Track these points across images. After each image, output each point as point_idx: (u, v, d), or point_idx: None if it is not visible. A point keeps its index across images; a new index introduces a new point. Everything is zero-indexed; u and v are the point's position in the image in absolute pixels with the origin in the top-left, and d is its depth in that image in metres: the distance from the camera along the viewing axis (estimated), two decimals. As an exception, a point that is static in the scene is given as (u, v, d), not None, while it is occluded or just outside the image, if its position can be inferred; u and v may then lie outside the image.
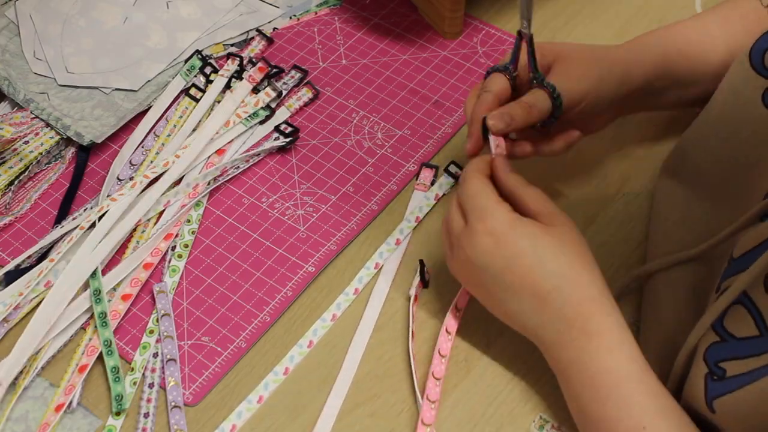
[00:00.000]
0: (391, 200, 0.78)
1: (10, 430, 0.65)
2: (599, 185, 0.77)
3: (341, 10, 0.93)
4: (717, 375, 0.53)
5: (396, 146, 0.81)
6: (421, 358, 0.67)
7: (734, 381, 0.52)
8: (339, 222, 0.76)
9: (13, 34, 0.91)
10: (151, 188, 0.77)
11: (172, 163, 0.79)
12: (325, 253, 0.74)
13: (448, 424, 0.65)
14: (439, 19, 0.89)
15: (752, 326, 0.53)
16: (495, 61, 0.87)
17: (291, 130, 0.82)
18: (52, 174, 0.81)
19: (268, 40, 0.89)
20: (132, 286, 0.72)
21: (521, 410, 0.65)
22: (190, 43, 0.89)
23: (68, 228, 0.75)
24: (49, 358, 0.69)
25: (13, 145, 0.81)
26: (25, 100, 0.84)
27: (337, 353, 0.68)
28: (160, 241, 0.74)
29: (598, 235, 0.74)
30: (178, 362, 0.68)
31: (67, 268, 0.72)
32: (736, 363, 0.53)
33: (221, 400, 0.67)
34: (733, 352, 0.53)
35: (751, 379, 0.51)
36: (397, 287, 0.72)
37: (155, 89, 0.86)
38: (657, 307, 0.66)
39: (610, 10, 0.92)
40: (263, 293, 0.72)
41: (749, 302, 0.53)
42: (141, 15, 0.91)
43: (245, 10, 0.92)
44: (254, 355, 0.69)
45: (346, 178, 0.79)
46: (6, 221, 0.77)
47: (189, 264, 0.74)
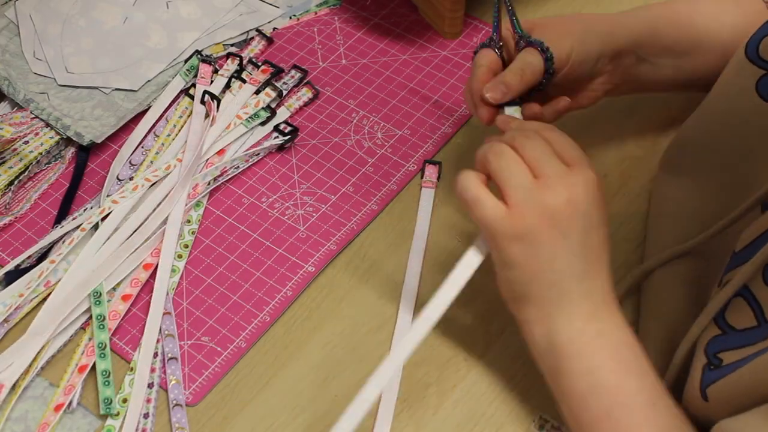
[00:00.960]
0: (391, 200, 0.78)
1: (10, 429, 0.65)
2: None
3: (341, 10, 0.93)
4: (714, 364, 0.54)
5: (396, 146, 0.81)
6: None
7: (728, 368, 0.52)
8: (339, 222, 0.76)
9: (13, 34, 0.91)
10: (154, 190, 0.77)
11: (173, 166, 0.79)
12: (325, 253, 0.74)
13: (448, 424, 0.65)
14: (439, 19, 0.89)
15: (751, 317, 0.53)
16: (495, 61, 0.87)
17: (290, 129, 0.81)
18: (52, 174, 0.81)
19: (268, 40, 0.89)
20: (132, 287, 0.72)
21: (521, 410, 0.65)
22: (190, 43, 0.89)
23: (68, 228, 0.75)
24: (49, 358, 0.69)
25: (13, 145, 0.81)
26: (25, 100, 0.84)
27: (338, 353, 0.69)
28: (159, 241, 0.74)
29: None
30: (179, 361, 0.68)
31: (70, 270, 0.72)
32: (732, 353, 0.53)
33: (221, 400, 0.67)
34: (732, 343, 0.54)
35: (744, 363, 0.51)
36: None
37: (155, 89, 0.86)
38: (656, 303, 0.66)
39: (610, 9, 0.92)
40: (263, 293, 0.72)
41: (749, 294, 0.53)
42: (141, 15, 0.91)
43: (245, 10, 0.92)
44: (254, 355, 0.69)
45: (346, 178, 0.79)
46: (6, 221, 0.77)
47: (189, 264, 0.74)
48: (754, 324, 0.53)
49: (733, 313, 0.54)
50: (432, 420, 0.65)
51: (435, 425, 0.65)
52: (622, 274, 0.70)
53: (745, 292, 0.54)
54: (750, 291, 0.53)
